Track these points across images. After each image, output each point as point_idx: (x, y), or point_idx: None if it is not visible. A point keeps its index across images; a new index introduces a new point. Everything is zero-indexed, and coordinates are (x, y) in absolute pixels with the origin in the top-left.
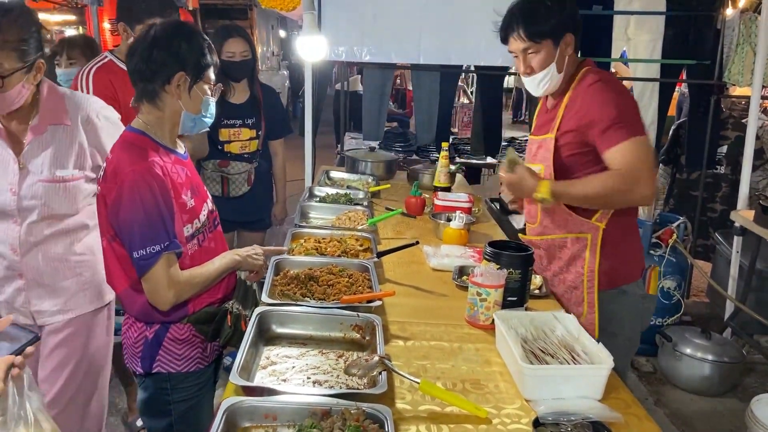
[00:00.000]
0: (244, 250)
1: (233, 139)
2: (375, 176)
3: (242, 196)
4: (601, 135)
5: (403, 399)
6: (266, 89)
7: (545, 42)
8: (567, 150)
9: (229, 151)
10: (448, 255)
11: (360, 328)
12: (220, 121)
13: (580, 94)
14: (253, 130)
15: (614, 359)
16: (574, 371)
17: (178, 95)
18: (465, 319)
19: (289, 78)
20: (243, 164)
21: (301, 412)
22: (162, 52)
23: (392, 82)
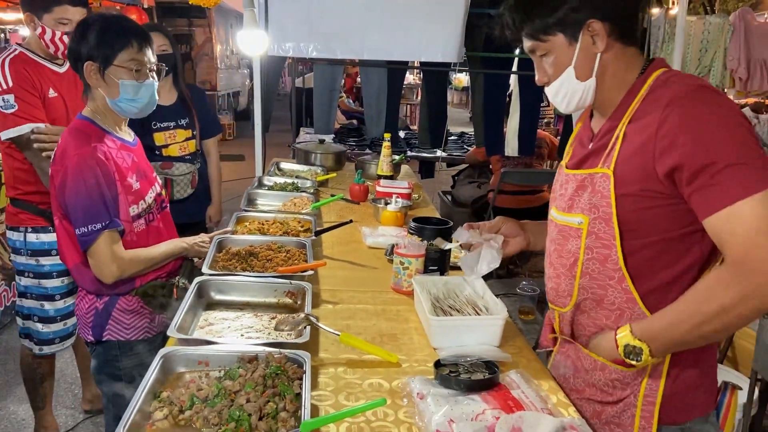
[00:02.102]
0: (192, 238)
1: (170, 142)
2: (325, 167)
3: (186, 199)
4: (700, 188)
5: (326, 350)
6: (193, 89)
7: (554, 38)
8: (630, 202)
9: (168, 155)
10: (384, 235)
11: (293, 294)
12: (152, 126)
13: (656, 109)
14: (188, 130)
15: None
16: (474, 321)
17: (96, 84)
18: (390, 287)
19: (249, 76)
20: (186, 165)
21: (230, 358)
22: (75, 45)
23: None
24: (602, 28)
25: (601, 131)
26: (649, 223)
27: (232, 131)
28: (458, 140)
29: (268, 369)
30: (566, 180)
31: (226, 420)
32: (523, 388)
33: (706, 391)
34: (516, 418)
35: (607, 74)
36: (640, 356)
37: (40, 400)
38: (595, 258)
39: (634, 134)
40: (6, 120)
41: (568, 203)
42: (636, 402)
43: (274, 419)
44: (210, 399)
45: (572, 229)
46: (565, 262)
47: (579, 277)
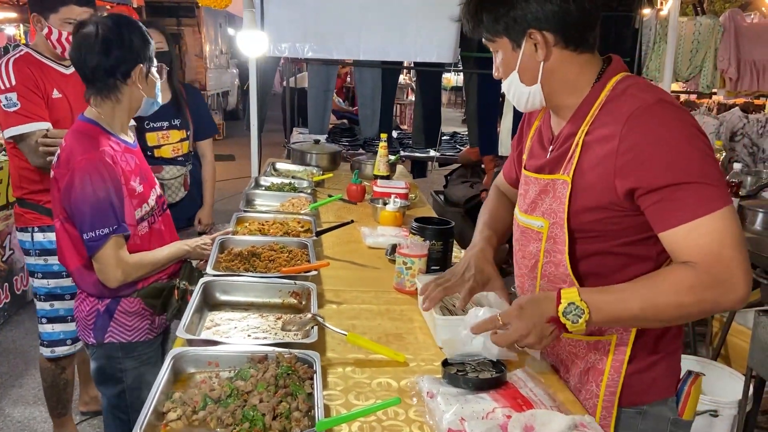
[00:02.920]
0: (193, 240)
1: (163, 142)
2: (320, 167)
3: (179, 202)
4: (660, 203)
5: (333, 350)
6: (188, 88)
7: (500, 40)
8: (587, 211)
9: (160, 156)
10: (383, 235)
11: (297, 294)
12: (144, 126)
13: (615, 121)
14: (182, 131)
15: None
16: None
17: (140, 84)
18: (393, 287)
19: (238, 76)
20: (177, 168)
21: (240, 358)
22: (118, 50)
23: (343, 80)
24: (544, 38)
25: (561, 135)
26: (604, 231)
27: (221, 131)
28: (451, 140)
29: (279, 369)
30: (527, 182)
31: (240, 420)
32: (531, 386)
33: (667, 376)
34: (528, 416)
35: (555, 80)
36: (579, 318)
37: (62, 407)
38: (551, 261)
39: (594, 144)
40: (9, 118)
41: (531, 206)
42: (599, 390)
43: (288, 419)
44: (223, 399)
45: (533, 232)
46: (528, 263)
47: (539, 278)
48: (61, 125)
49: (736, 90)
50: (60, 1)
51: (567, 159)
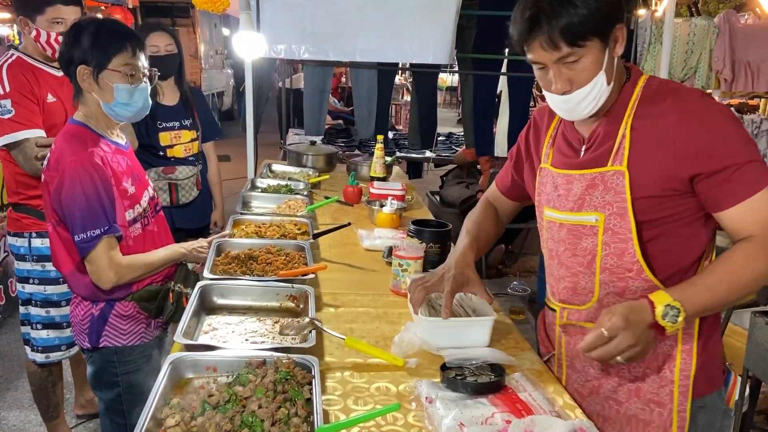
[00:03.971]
0: (190, 243)
1: (175, 142)
2: (316, 169)
3: (192, 202)
4: (721, 184)
5: (331, 354)
6: (194, 91)
7: (591, 43)
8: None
9: (173, 156)
10: (381, 237)
11: (295, 298)
12: (158, 125)
13: (665, 113)
14: (192, 131)
15: None
16: (463, 323)
17: (89, 88)
18: (390, 289)
19: (233, 76)
20: (189, 168)
21: (239, 363)
22: (67, 49)
23: (338, 80)
24: (623, 30)
25: (597, 134)
26: (665, 214)
27: None
28: (446, 141)
29: (277, 374)
30: (567, 180)
31: (239, 426)
32: (530, 390)
33: (719, 365)
34: (528, 422)
35: (615, 77)
36: (676, 318)
37: (53, 410)
38: (612, 253)
39: (643, 134)
40: (2, 125)
41: (578, 203)
42: (674, 378)
43: (287, 425)
44: (221, 405)
45: (586, 228)
46: (582, 260)
47: (599, 272)
48: (57, 130)
49: (731, 91)
50: (45, 2)
51: (614, 152)
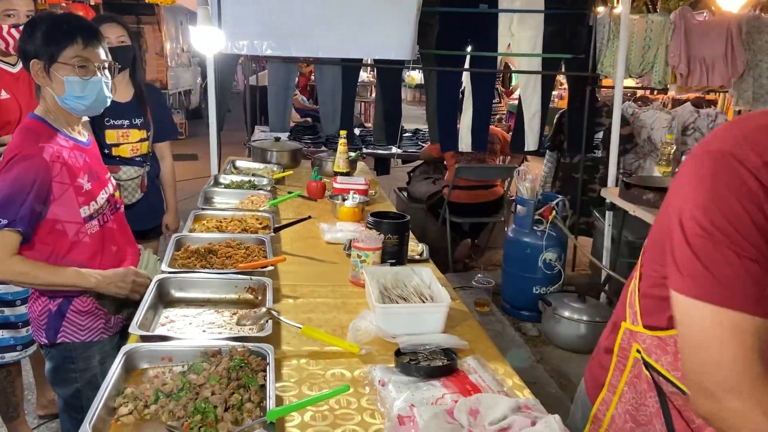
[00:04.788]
0: (112, 272)
1: (122, 141)
2: (281, 165)
3: (136, 204)
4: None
5: (288, 343)
6: (150, 88)
7: None
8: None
9: (118, 155)
10: (342, 230)
11: (253, 289)
12: (105, 122)
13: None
14: (142, 131)
15: None
16: (417, 309)
17: (44, 82)
18: (349, 280)
19: (201, 74)
20: (135, 169)
21: (194, 353)
22: (22, 43)
23: (307, 79)
24: None
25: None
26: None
27: (184, 130)
28: (413, 137)
29: (232, 362)
30: None
31: (192, 413)
32: (480, 372)
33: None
34: (473, 400)
35: None
36: None
37: (13, 410)
38: None
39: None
40: None
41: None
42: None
43: (240, 410)
44: (175, 393)
45: None
46: None
47: None
48: (12, 127)
49: (687, 85)
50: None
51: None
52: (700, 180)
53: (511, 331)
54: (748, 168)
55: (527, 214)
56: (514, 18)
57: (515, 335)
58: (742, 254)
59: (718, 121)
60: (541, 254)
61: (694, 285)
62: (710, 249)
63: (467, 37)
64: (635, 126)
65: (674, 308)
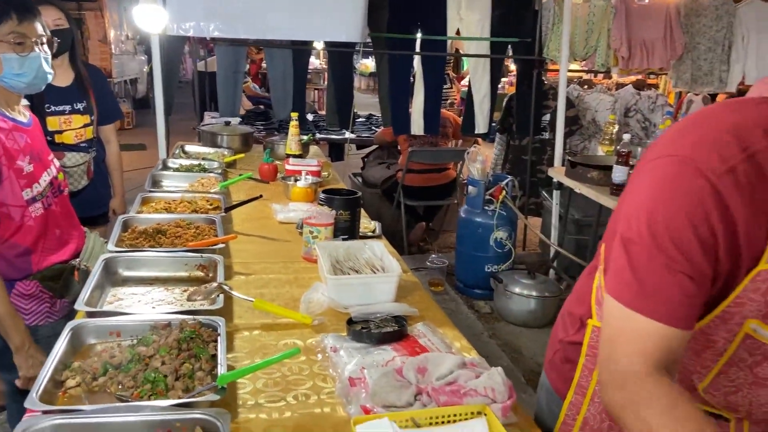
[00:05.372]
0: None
1: (65, 128)
2: (232, 149)
3: (82, 191)
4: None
5: (241, 317)
6: (91, 69)
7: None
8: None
9: (62, 142)
10: (295, 210)
11: (204, 267)
12: (45, 109)
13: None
14: (86, 116)
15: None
16: (368, 279)
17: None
18: (302, 257)
19: (147, 62)
20: (80, 155)
21: (143, 327)
22: None
23: (258, 66)
24: None
25: None
26: None
27: (131, 120)
28: (366, 122)
29: (182, 334)
30: None
31: (142, 382)
32: (429, 336)
33: None
34: (421, 359)
35: None
36: None
37: None
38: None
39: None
40: None
41: None
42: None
43: (191, 378)
44: (124, 365)
45: None
46: None
47: None
48: None
49: (628, 68)
50: None
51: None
52: (653, 184)
53: (464, 309)
54: (708, 176)
55: (478, 194)
56: (462, 2)
57: (468, 313)
58: (676, 269)
59: (659, 102)
60: (492, 233)
61: (621, 288)
62: (644, 259)
63: (417, 20)
64: (580, 108)
65: (607, 309)
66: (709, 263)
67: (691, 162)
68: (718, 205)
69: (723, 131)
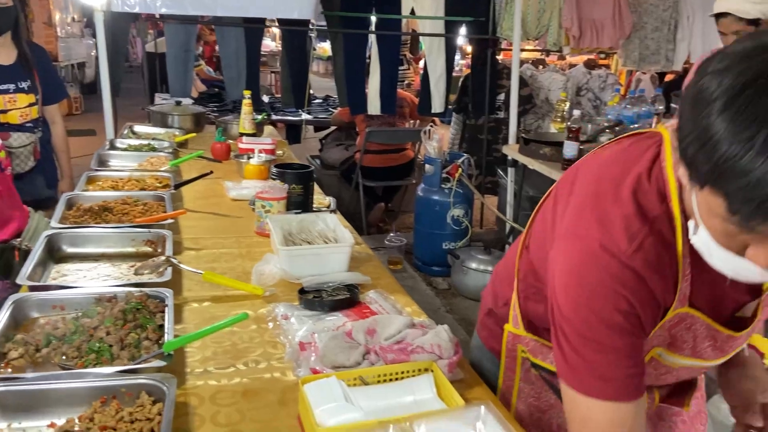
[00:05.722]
0: None
1: (10, 107)
2: (183, 129)
3: (29, 172)
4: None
5: (190, 290)
6: (35, 47)
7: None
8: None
9: (6, 122)
10: (248, 187)
11: (152, 242)
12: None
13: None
14: (30, 95)
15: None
16: (320, 250)
17: None
18: (254, 231)
19: (95, 46)
20: (26, 135)
21: (87, 300)
22: None
23: (212, 48)
24: None
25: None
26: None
27: (79, 105)
28: (323, 103)
29: (128, 305)
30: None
31: (86, 352)
32: (381, 302)
33: None
34: (370, 321)
35: None
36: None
37: None
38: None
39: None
40: None
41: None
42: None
43: (137, 348)
44: (67, 336)
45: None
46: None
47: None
48: None
49: (579, 47)
50: None
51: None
52: (570, 270)
53: (422, 286)
54: (621, 259)
55: (435, 172)
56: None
57: (426, 289)
58: (614, 347)
59: (609, 81)
60: (449, 211)
61: (576, 379)
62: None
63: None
64: (533, 87)
65: (562, 393)
66: (639, 335)
67: (603, 247)
68: (636, 283)
69: (624, 202)
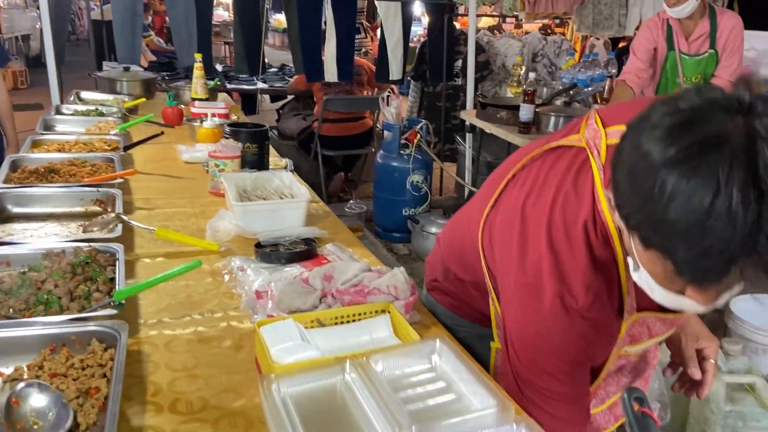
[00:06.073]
0: None
1: None
2: (132, 96)
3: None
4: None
5: (142, 247)
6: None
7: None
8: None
9: None
10: (201, 150)
11: (101, 202)
12: None
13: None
14: None
15: None
16: (276, 205)
17: None
18: (209, 191)
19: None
20: None
21: (35, 256)
22: None
23: (163, 19)
24: None
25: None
26: None
27: (25, 79)
28: (279, 72)
29: (76, 259)
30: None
31: (34, 304)
32: (339, 254)
33: None
34: (327, 267)
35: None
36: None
37: None
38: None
39: None
40: None
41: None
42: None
43: (87, 300)
44: (14, 290)
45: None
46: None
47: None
48: None
49: (534, 12)
50: None
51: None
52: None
53: (383, 252)
54: (583, 314)
55: (393, 138)
56: None
57: (387, 255)
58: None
59: (564, 47)
60: (409, 177)
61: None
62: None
63: None
64: (490, 53)
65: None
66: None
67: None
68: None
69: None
